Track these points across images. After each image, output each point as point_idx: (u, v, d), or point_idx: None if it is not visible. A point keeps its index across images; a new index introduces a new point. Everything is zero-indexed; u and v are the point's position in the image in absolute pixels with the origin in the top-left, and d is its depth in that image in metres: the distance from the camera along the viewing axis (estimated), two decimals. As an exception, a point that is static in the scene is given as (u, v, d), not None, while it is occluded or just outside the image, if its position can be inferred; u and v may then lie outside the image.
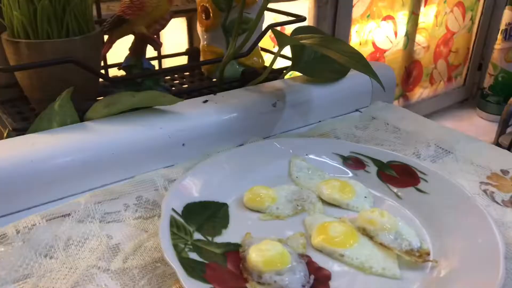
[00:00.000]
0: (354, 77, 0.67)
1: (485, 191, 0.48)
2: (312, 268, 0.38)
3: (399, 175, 0.49)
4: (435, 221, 0.42)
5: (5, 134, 0.53)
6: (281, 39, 0.58)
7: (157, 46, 0.62)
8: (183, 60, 0.81)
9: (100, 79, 0.59)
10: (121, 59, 0.64)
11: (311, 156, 0.52)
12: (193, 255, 0.36)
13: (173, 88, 0.70)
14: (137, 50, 0.61)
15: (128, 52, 0.62)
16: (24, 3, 0.50)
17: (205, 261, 0.36)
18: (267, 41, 1.05)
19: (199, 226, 0.41)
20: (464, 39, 1.79)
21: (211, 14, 0.68)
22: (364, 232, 0.41)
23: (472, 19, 1.77)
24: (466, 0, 1.69)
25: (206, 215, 0.43)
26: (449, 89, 1.84)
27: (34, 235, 0.39)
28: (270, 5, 0.65)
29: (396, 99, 1.62)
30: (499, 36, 1.68)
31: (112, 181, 0.48)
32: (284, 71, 0.69)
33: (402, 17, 1.48)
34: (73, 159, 0.46)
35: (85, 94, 0.56)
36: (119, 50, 0.63)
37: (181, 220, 0.40)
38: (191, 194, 0.44)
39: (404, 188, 0.47)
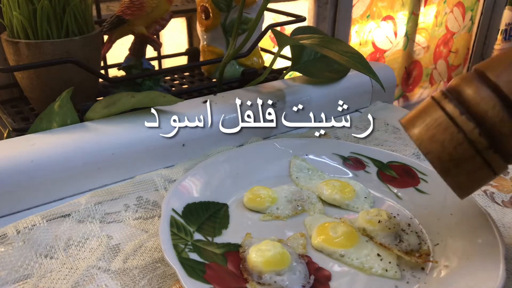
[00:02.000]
0: (354, 77, 0.67)
1: (485, 191, 0.48)
2: (312, 268, 0.38)
3: (399, 176, 0.49)
4: (435, 221, 0.42)
5: (5, 134, 0.53)
6: (281, 39, 0.58)
7: (157, 46, 0.62)
8: (183, 60, 0.81)
9: (100, 79, 0.59)
10: (121, 59, 0.64)
11: (311, 156, 0.52)
12: (193, 256, 0.36)
13: (173, 88, 0.70)
14: (137, 50, 0.61)
15: (128, 52, 0.62)
16: (23, 4, 0.50)
17: (205, 262, 0.36)
18: (267, 41, 1.06)
19: (199, 227, 0.41)
20: (464, 39, 1.79)
21: (210, 14, 0.68)
22: (364, 232, 0.41)
23: (472, 19, 1.77)
24: (466, 0, 1.69)
25: (206, 215, 0.43)
26: (449, 89, 1.84)
27: (34, 235, 0.39)
28: (269, 5, 0.65)
29: (396, 99, 1.62)
30: (499, 36, 1.68)
31: (112, 181, 0.48)
32: (284, 71, 0.69)
33: (402, 17, 1.48)
34: (73, 159, 0.46)
35: (85, 94, 0.56)
36: (119, 50, 0.63)
37: (181, 220, 0.40)
38: (191, 195, 0.44)
39: (404, 189, 0.47)
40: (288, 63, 0.67)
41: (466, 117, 0.29)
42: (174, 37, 0.87)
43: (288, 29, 0.95)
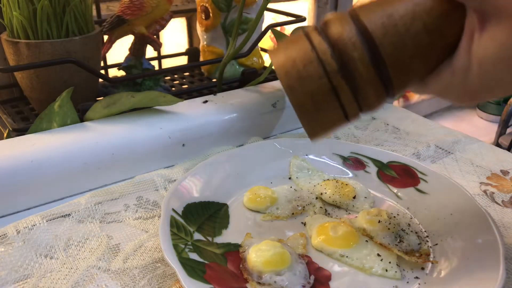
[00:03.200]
0: (354, 77, 0.67)
1: (485, 191, 0.48)
2: (312, 268, 0.38)
3: (399, 176, 0.49)
4: (435, 221, 0.42)
5: (5, 134, 0.53)
6: (281, 39, 0.58)
7: (157, 46, 0.62)
8: (183, 60, 0.81)
9: (100, 79, 0.59)
10: (121, 59, 0.64)
11: (311, 156, 0.52)
12: (193, 256, 0.36)
13: (173, 88, 0.70)
14: (137, 50, 0.61)
15: (128, 52, 0.62)
16: (23, 3, 0.50)
17: (205, 262, 0.36)
18: (267, 41, 1.06)
19: (199, 227, 0.41)
20: (464, 39, 1.79)
21: (210, 14, 0.68)
22: (364, 232, 0.41)
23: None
24: (466, 0, 1.69)
25: (206, 215, 0.43)
26: (449, 89, 1.83)
27: (34, 235, 0.39)
28: (269, 5, 0.65)
29: (396, 99, 1.62)
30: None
31: (112, 181, 0.48)
32: (284, 71, 0.69)
33: (402, 17, 1.48)
34: (73, 159, 0.46)
35: (85, 94, 0.56)
36: (119, 50, 0.63)
37: (181, 220, 0.40)
38: (191, 195, 0.44)
39: (404, 189, 0.47)
40: (288, 63, 0.67)
41: (322, 38, 0.29)
42: (174, 37, 0.87)
43: (288, 29, 0.95)
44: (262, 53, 0.76)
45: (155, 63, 0.76)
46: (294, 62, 0.29)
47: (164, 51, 0.83)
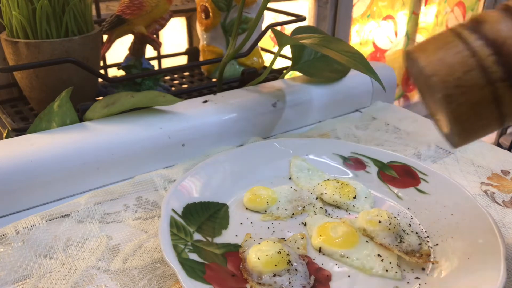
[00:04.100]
0: (354, 77, 0.67)
1: (485, 191, 0.48)
2: (312, 268, 0.37)
3: (400, 176, 0.49)
4: (435, 222, 0.42)
5: (4, 134, 0.53)
6: (281, 39, 0.58)
7: (157, 46, 0.62)
8: (182, 60, 0.81)
9: (100, 79, 0.59)
10: (120, 59, 0.64)
11: (311, 156, 0.52)
12: (193, 256, 0.36)
13: (173, 88, 0.70)
14: (136, 50, 0.61)
15: (127, 52, 0.62)
16: (23, 3, 0.50)
17: (205, 262, 0.36)
18: (267, 41, 1.05)
19: (199, 227, 0.41)
20: (464, 39, 1.78)
21: (210, 14, 0.67)
22: (365, 232, 0.41)
23: (472, 19, 1.77)
24: (466, -1, 1.69)
25: (206, 215, 0.43)
26: (449, 89, 1.83)
27: (33, 235, 0.39)
28: (270, 5, 0.65)
29: (397, 99, 1.62)
30: (499, 36, 1.67)
31: (112, 182, 0.48)
32: (284, 71, 0.69)
33: (402, 16, 1.48)
34: (73, 159, 0.45)
35: (85, 94, 0.56)
36: (119, 49, 0.63)
37: (181, 220, 0.40)
38: (191, 195, 0.44)
39: (404, 189, 0.47)
40: (288, 63, 0.67)
41: (482, 43, 0.26)
42: (174, 36, 0.87)
43: (288, 29, 0.95)
44: (262, 52, 0.76)
45: (154, 63, 0.76)
46: (452, 68, 0.26)
47: (164, 50, 0.83)
